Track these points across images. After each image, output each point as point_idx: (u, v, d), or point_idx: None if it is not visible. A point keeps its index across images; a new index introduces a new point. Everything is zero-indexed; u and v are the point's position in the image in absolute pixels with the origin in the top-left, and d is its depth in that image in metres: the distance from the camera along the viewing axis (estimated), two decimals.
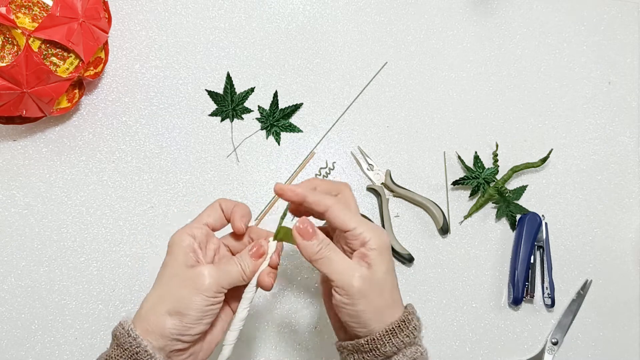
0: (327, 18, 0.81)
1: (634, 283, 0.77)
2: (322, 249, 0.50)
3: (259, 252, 0.52)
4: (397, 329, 0.49)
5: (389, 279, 0.50)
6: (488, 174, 0.76)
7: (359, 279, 0.48)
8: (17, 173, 0.72)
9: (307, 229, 0.50)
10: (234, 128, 0.76)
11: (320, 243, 0.50)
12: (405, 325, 0.49)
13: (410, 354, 0.49)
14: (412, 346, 0.50)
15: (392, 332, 0.49)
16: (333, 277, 0.49)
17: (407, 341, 0.49)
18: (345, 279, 0.48)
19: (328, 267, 0.49)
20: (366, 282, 0.48)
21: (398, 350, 0.49)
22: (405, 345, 0.49)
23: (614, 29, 0.85)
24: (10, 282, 0.69)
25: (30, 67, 0.63)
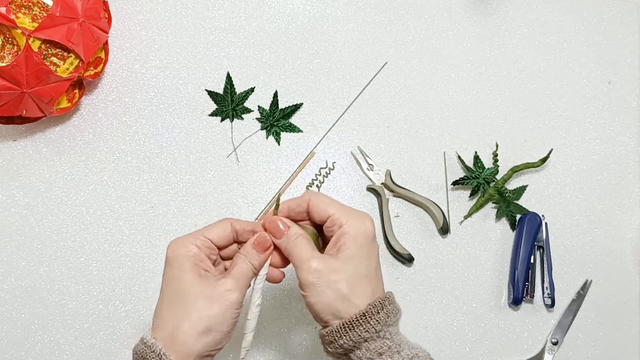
0: (327, 18, 0.81)
1: (634, 283, 0.77)
2: (289, 245, 0.50)
3: (264, 245, 0.51)
4: (354, 322, 0.47)
5: (357, 267, 0.48)
6: (488, 174, 0.76)
7: (308, 271, 0.48)
8: (17, 173, 0.72)
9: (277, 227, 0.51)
10: (234, 128, 0.76)
11: (290, 238, 0.50)
12: (365, 319, 0.47)
13: (375, 347, 0.47)
14: (376, 340, 0.47)
15: (349, 326, 0.47)
16: (295, 271, 0.49)
17: (367, 336, 0.47)
18: (300, 271, 0.48)
19: (293, 261, 0.50)
20: (317, 273, 0.47)
21: (357, 344, 0.47)
22: (365, 339, 0.47)
23: (614, 29, 0.85)
24: (10, 282, 0.69)
25: (30, 67, 0.63)
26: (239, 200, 0.74)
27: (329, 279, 0.47)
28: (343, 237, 0.49)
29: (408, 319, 0.72)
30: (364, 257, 0.49)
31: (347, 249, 0.48)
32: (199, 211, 0.73)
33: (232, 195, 0.74)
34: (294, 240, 0.50)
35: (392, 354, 0.47)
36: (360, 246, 0.49)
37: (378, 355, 0.47)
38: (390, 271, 0.74)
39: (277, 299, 0.71)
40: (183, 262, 0.48)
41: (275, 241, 0.51)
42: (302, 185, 0.75)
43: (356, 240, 0.49)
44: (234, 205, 0.74)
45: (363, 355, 0.48)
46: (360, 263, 0.49)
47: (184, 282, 0.48)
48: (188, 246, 0.49)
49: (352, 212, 0.50)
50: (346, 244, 0.48)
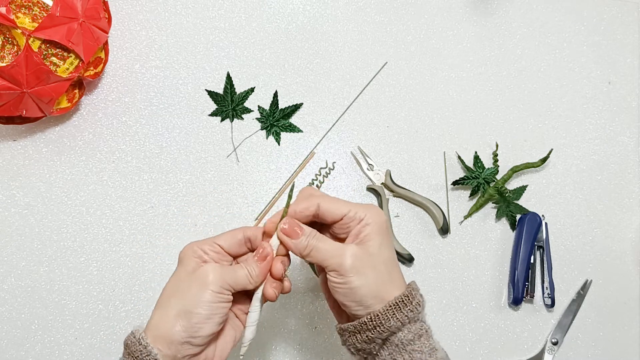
0: (327, 18, 0.81)
1: (634, 283, 0.77)
2: (309, 242, 0.50)
3: (263, 255, 0.51)
4: (400, 303, 0.48)
5: (385, 254, 0.50)
6: (488, 174, 0.76)
7: (350, 256, 0.49)
8: (17, 173, 0.72)
9: (293, 229, 0.51)
10: (234, 128, 0.76)
11: (307, 237, 0.51)
12: (408, 300, 0.49)
13: (416, 329, 0.49)
14: (416, 322, 0.49)
15: (396, 307, 0.48)
16: (325, 263, 0.49)
17: (412, 316, 0.48)
18: (336, 260, 0.49)
19: (319, 255, 0.50)
20: (357, 258, 0.49)
21: (402, 325, 0.48)
22: (409, 320, 0.48)
23: (614, 29, 0.85)
24: (10, 282, 0.69)
25: (30, 67, 0.63)
26: (239, 200, 0.74)
27: (368, 262, 0.49)
28: (365, 229, 0.50)
29: None
30: (388, 245, 0.51)
31: (372, 239, 0.50)
32: (199, 211, 0.73)
33: (232, 195, 0.74)
34: (315, 235, 0.51)
35: (429, 337, 0.49)
36: (383, 235, 0.50)
37: (418, 337, 0.49)
38: None
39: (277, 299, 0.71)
40: (186, 262, 0.50)
41: (292, 243, 0.51)
42: (302, 185, 0.75)
43: (379, 231, 0.50)
44: (234, 205, 0.74)
45: (404, 337, 0.48)
46: (387, 250, 0.50)
47: (178, 275, 0.50)
48: (195, 249, 0.50)
49: (367, 206, 0.52)
50: (370, 234, 0.50)
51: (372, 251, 0.49)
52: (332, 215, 0.51)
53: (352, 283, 0.48)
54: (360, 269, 0.48)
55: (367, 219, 0.50)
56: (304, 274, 0.72)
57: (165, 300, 0.49)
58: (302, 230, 0.51)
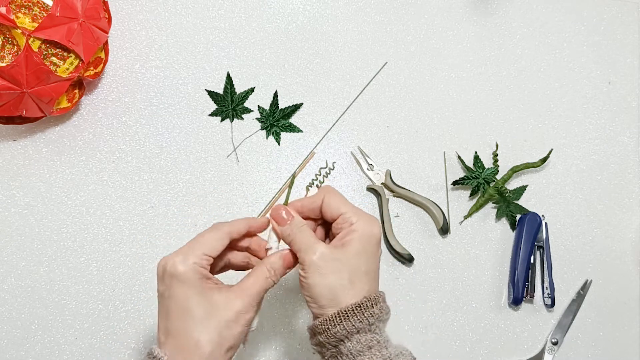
0: (327, 18, 0.81)
1: (634, 283, 0.77)
2: (292, 231, 0.52)
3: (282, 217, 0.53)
4: (350, 312, 0.48)
5: (357, 263, 0.50)
6: (488, 174, 0.76)
7: (316, 253, 0.50)
8: (17, 173, 0.72)
9: (281, 215, 0.53)
10: (234, 128, 0.76)
11: (293, 226, 0.52)
12: (360, 310, 0.49)
13: (365, 341, 0.49)
14: (367, 333, 0.49)
15: (344, 315, 0.48)
16: (298, 254, 0.51)
17: (360, 327, 0.48)
18: (305, 253, 0.50)
19: (295, 246, 0.51)
20: (323, 257, 0.49)
21: (350, 334, 0.48)
22: (357, 330, 0.48)
23: (614, 29, 0.85)
24: (10, 282, 0.69)
25: (30, 67, 0.63)
26: (239, 200, 0.74)
27: (332, 264, 0.49)
28: (350, 234, 0.51)
29: (408, 319, 0.72)
30: (367, 256, 0.51)
31: (352, 245, 0.50)
32: (199, 211, 0.73)
33: (232, 195, 0.74)
34: (299, 226, 0.52)
35: (381, 348, 0.49)
36: (365, 246, 0.51)
37: (368, 348, 0.49)
38: (390, 271, 0.74)
39: (277, 299, 0.71)
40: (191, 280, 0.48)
41: (279, 229, 0.53)
42: (302, 185, 0.75)
43: (362, 239, 0.51)
44: (234, 205, 0.74)
45: (353, 347, 0.49)
46: (363, 260, 0.51)
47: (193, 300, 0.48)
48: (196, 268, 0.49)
49: (363, 214, 0.52)
50: (352, 240, 0.50)
51: (343, 256, 0.50)
52: (331, 213, 0.53)
53: (308, 279, 0.49)
54: (321, 268, 0.49)
55: (355, 226, 0.51)
56: None
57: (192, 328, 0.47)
58: (292, 218, 0.52)
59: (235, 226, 0.53)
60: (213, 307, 0.48)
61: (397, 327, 0.72)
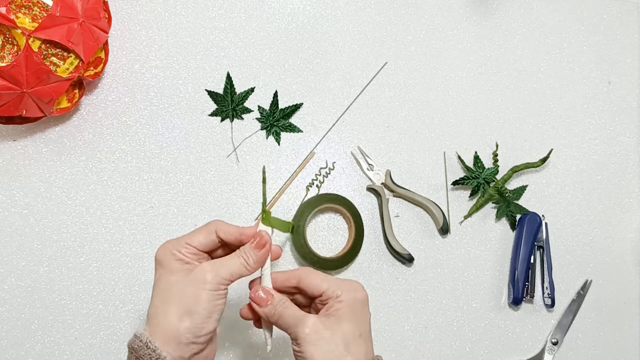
0: (327, 18, 0.81)
1: (634, 283, 0.77)
2: (277, 310, 0.52)
3: (261, 242, 0.52)
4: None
5: (351, 329, 0.50)
6: (488, 174, 0.76)
7: (308, 326, 0.50)
8: (17, 173, 0.72)
9: (260, 296, 0.53)
10: (234, 128, 0.76)
11: (276, 305, 0.52)
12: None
13: None
14: None
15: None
16: (288, 331, 0.51)
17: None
18: (296, 328, 0.50)
19: (284, 322, 0.52)
20: (314, 329, 0.50)
21: None
22: None
23: (614, 29, 0.85)
24: (10, 282, 0.69)
25: (30, 67, 0.63)
26: (239, 200, 0.74)
27: (326, 333, 0.50)
28: (337, 304, 0.51)
29: (408, 319, 0.72)
30: (357, 320, 0.51)
31: (341, 312, 0.51)
32: (199, 211, 0.73)
33: (232, 195, 0.74)
34: (283, 303, 0.52)
35: None
36: (354, 311, 0.51)
37: None
38: (390, 271, 0.74)
39: None
40: (170, 265, 0.50)
41: (260, 310, 0.53)
42: (302, 185, 0.75)
43: (350, 307, 0.51)
44: (234, 205, 0.74)
45: None
46: (354, 325, 0.51)
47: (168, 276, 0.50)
48: (173, 251, 0.51)
49: (345, 283, 0.53)
50: (340, 309, 0.51)
51: (334, 325, 0.50)
52: (312, 291, 0.53)
53: (305, 353, 0.49)
54: (315, 341, 0.49)
55: (342, 297, 0.51)
56: None
57: (162, 304, 0.49)
58: (271, 297, 0.53)
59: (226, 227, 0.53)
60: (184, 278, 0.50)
61: (397, 327, 0.72)
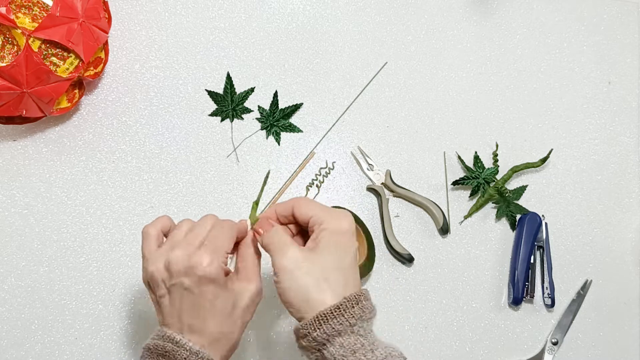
0: (327, 18, 0.81)
1: (634, 283, 0.77)
2: (269, 235, 0.52)
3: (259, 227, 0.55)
4: (328, 314, 0.47)
5: (331, 261, 0.49)
6: (488, 174, 0.76)
7: (287, 257, 0.49)
8: (17, 173, 0.72)
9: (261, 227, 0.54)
10: (234, 128, 0.76)
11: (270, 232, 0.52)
12: (339, 311, 0.47)
13: (348, 344, 0.46)
14: (350, 335, 0.47)
15: (323, 318, 0.47)
16: (271, 259, 0.51)
17: (341, 329, 0.46)
18: (275, 257, 0.50)
19: (269, 250, 0.52)
20: (293, 261, 0.49)
21: (331, 337, 0.46)
22: (339, 333, 0.46)
23: (614, 29, 0.85)
24: (10, 282, 0.69)
25: (30, 67, 0.63)
26: (239, 200, 0.74)
27: (304, 266, 0.49)
28: (321, 233, 0.50)
29: (408, 319, 0.72)
30: (340, 252, 0.50)
31: (322, 243, 0.50)
32: (199, 211, 0.73)
33: (232, 195, 0.74)
34: (275, 231, 0.52)
35: (366, 352, 0.47)
36: (336, 241, 0.50)
37: (352, 352, 0.46)
38: (390, 271, 0.74)
39: (276, 299, 0.71)
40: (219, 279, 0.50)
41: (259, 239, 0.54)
42: (302, 185, 0.75)
43: (332, 236, 0.50)
44: (234, 205, 0.74)
45: (336, 352, 0.46)
46: (334, 255, 0.50)
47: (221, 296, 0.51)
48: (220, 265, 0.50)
49: (331, 212, 0.52)
50: (322, 239, 0.50)
51: (314, 257, 0.49)
52: (302, 217, 0.52)
53: (281, 283, 0.49)
54: (292, 272, 0.49)
55: (325, 224, 0.50)
56: None
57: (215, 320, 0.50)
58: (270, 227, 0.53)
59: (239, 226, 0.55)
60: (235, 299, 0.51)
61: (397, 327, 0.72)
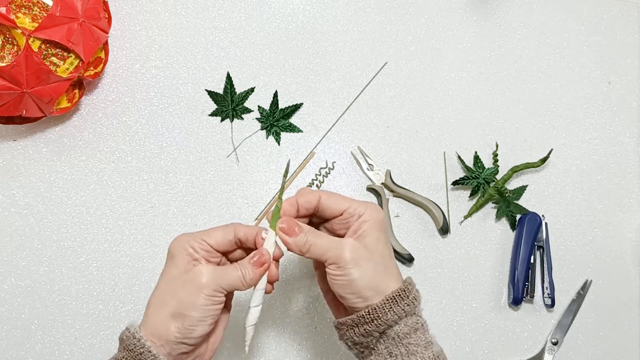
0: (327, 18, 0.81)
1: (634, 283, 0.77)
2: (308, 239, 0.51)
3: (261, 261, 0.51)
4: (397, 297, 0.49)
5: (381, 249, 0.51)
6: (488, 174, 0.76)
7: (348, 249, 0.50)
8: (17, 173, 0.72)
9: (292, 228, 0.52)
10: (234, 128, 0.76)
11: (306, 234, 0.51)
12: (405, 294, 0.50)
13: (412, 323, 0.50)
14: (412, 316, 0.50)
15: (393, 301, 0.49)
16: (324, 257, 0.50)
17: (408, 310, 0.50)
18: (335, 252, 0.50)
19: (318, 250, 0.51)
20: (355, 251, 0.50)
21: (399, 318, 0.49)
22: (406, 314, 0.50)
23: (614, 29, 0.85)
24: (10, 282, 0.69)
25: (30, 67, 0.63)
26: (239, 200, 0.74)
27: (365, 254, 0.50)
28: (364, 224, 0.51)
29: None
30: (385, 242, 0.52)
31: (370, 234, 0.51)
32: (199, 211, 0.73)
33: (232, 195, 0.74)
34: (313, 232, 0.52)
35: (424, 331, 0.51)
36: (379, 232, 0.52)
37: (414, 330, 0.50)
38: None
39: (276, 299, 0.71)
40: (177, 259, 0.50)
41: (291, 241, 0.51)
42: (302, 185, 0.75)
43: (375, 227, 0.52)
44: (234, 205, 0.74)
45: (401, 330, 0.49)
46: (385, 246, 0.52)
47: (171, 272, 0.50)
48: (185, 245, 0.51)
49: (366, 203, 0.53)
50: (368, 230, 0.51)
51: (369, 245, 0.51)
52: (332, 211, 0.53)
53: (351, 275, 0.49)
54: (358, 261, 0.50)
55: (366, 216, 0.52)
56: (303, 275, 0.72)
57: (158, 298, 0.50)
58: (301, 228, 0.52)
59: (246, 229, 0.52)
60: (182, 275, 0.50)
61: None
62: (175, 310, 0.48)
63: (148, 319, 0.49)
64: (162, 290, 0.50)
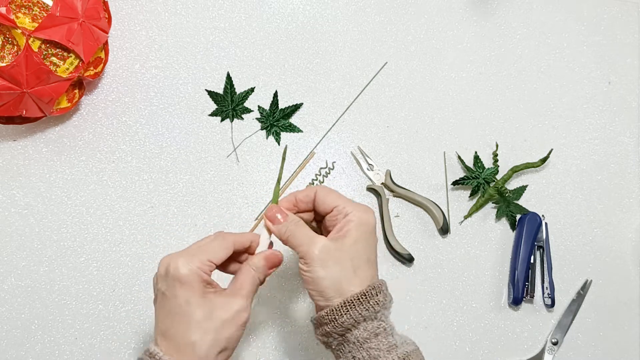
0: (327, 18, 0.81)
1: (634, 283, 0.77)
2: (289, 228, 0.53)
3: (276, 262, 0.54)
4: (356, 301, 0.50)
5: (357, 250, 0.51)
6: (488, 174, 0.76)
7: (318, 247, 0.51)
8: (17, 173, 0.72)
9: (275, 215, 0.54)
10: (234, 128, 0.76)
11: (289, 223, 0.53)
12: (365, 298, 0.50)
13: (372, 328, 0.50)
14: (373, 321, 0.50)
15: (350, 304, 0.49)
16: (297, 249, 0.52)
17: (367, 315, 0.50)
18: (306, 248, 0.51)
19: (294, 242, 0.52)
20: (325, 250, 0.50)
21: (357, 322, 0.50)
22: (364, 318, 0.50)
23: (614, 29, 0.85)
24: (10, 282, 0.69)
25: (30, 67, 0.63)
26: (239, 200, 0.74)
27: (335, 255, 0.51)
28: (348, 224, 0.52)
29: (408, 319, 0.72)
30: (365, 244, 0.52)
31: (350, 234, 0.51)
32: (199, 211, 0.73)
33: (232, 195, 0.74)
34: (295, 223, 0.53)
35: (387, 335, 0.50)
36: (363, 233, 0.52)
37: (374, 335, 0.50)
38: (390, 271, 0.74)
39: (276, 299, 0.71)
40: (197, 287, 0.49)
41: (273, 228, 0.54)
42: (302, 185, 0.75)
43: (359, 228, 0.52)
44: (234, 205, 0.74)
45: (360, 335, 0.50)
46: (363, 248, 0.52)
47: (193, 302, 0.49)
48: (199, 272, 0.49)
49: (357, 204, 0.54)
50: (350, 230, 0.52)
51: (345, 246, 0.51)
52: (325, 207, 0.54)
53: (316, 272, 0.50)
54: (325, 261, 0.50)
55: (352, 216, 0.52)
56: None
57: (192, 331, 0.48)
58: (285, 217, 0.53)
59: (240, 238, 0.54)
60: (212, 309, 0.49)
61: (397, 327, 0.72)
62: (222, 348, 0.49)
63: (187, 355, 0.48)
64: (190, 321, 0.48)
